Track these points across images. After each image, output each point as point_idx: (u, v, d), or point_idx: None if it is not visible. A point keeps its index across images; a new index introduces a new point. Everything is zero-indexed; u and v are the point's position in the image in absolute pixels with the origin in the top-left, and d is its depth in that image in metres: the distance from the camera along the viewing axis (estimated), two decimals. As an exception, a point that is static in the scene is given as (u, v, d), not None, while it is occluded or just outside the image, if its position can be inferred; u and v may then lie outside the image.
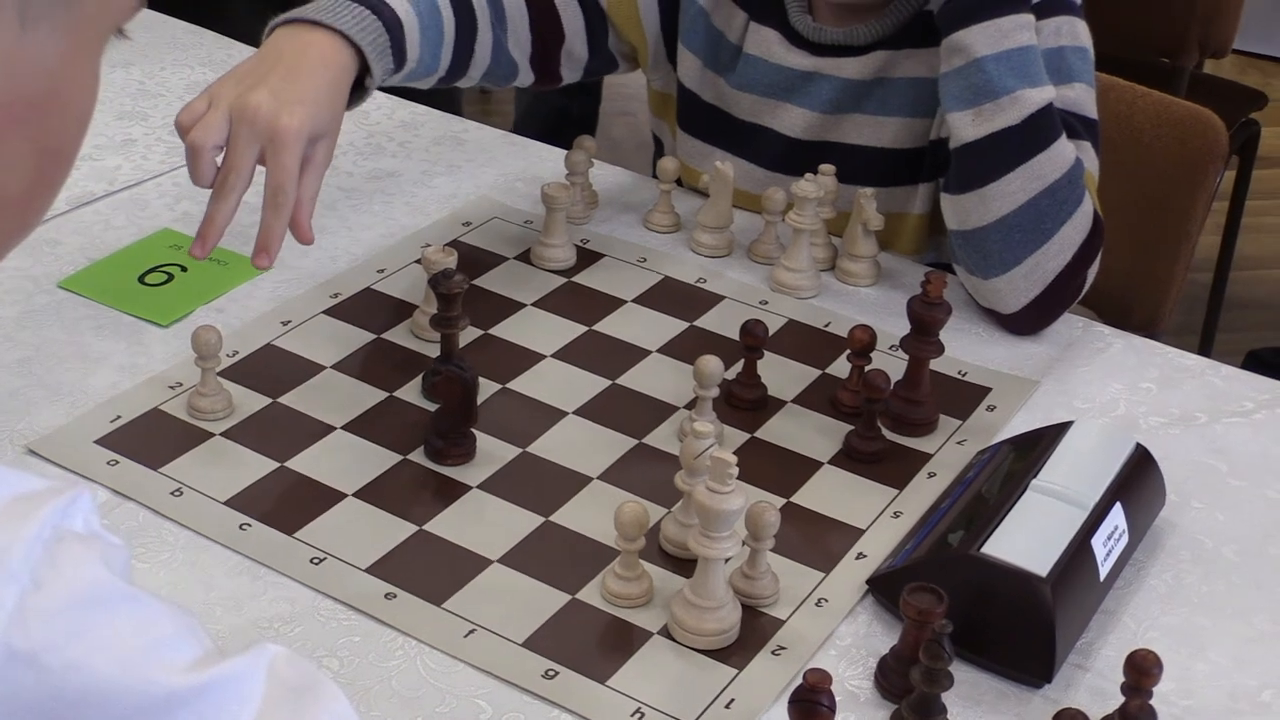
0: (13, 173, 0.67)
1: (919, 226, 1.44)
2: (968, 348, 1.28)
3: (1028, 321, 1.31)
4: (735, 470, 0.93)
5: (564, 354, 1.23)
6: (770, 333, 1.25)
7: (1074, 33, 1.37)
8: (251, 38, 1.75)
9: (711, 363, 1.09)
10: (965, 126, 1.29)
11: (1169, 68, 2.38)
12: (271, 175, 1.11)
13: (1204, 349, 2.74)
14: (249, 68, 1.16)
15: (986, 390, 1.23)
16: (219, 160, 1.12)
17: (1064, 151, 1.29)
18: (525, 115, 2.92)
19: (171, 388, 1.15)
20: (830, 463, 1.13)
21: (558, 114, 2.83)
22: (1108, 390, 1.24)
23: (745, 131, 1.46)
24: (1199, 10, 2.32)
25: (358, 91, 1.21)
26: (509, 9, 1.37)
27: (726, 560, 0.96)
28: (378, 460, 1.10)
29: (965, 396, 1.22)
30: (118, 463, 1.07)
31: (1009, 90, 1.27)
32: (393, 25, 1.22)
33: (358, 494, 1.06)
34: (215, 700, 0.60)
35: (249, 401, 1.15)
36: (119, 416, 1.12)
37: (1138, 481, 1.07)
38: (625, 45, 1.48)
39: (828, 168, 1.36)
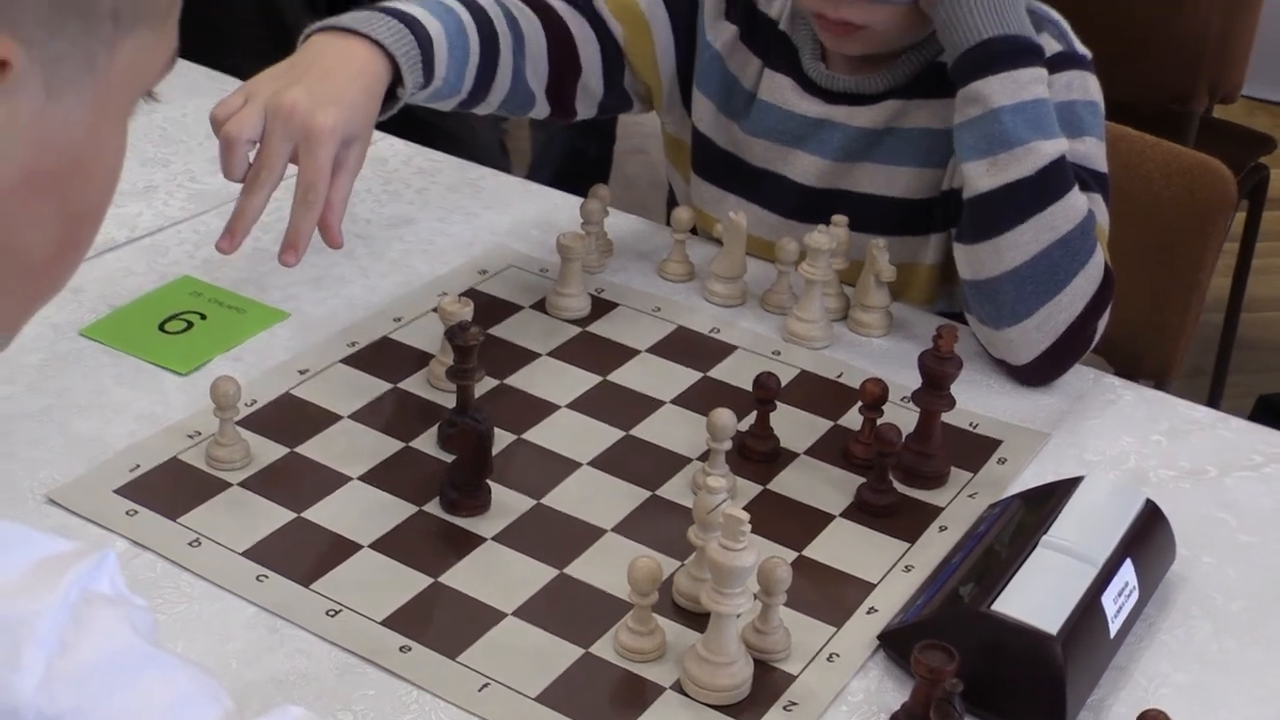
0: (41, 238, 0.68)
1: (931, 277, 1.45)
2: (979, 399, 1.28)
3: (1039, 372, 1.31)
4: (748, 527, 0.93)
5: (578, 404, 1.23)
6: (783, 383, 1.25)
7: (1085, 87, 1.38)
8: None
9: (724, 416, 1.10)
10: (980, 176, 1.29)
11: (1179, 113, 2.39)
12: (303, 173, 1.12)
13: (1215, 390, 2.74)
14: (285, 67, 1.18)
15: (997, 443, 1.23)
16: (251, 156, 1.12)
17: (1076, 203, 1.29)
18: (541, 155, 2.93)
19: (190, 437, 1.16)
20: (842, 515, 1.13)
21: (573, 154, 2.84)
22: (1118, 443, 1.24)
23: (758, 178, 1.47)
24: (1208, 57, 2.33)
25: (389, 101, 1.23)
26: (529, 39, 1.38)
27: (739, 615, 0.96)
28: (394, 511, 1.10)
29: (976, 449, 1.22)
30: (136, 513, 1.08)
31: (1024, 141, 1.28)
32: (424, 41, 1.23)
33: (374, 545, 1.07)
34: None
35: (267, 451, 1.15)
36: (138, 466, 1.12)
37: (1148, 537, 1.07)
38: (640, 85, 1.49)
39: (840, 219, 1.37)
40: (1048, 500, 1.09)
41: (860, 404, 1.19)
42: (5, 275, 0.68)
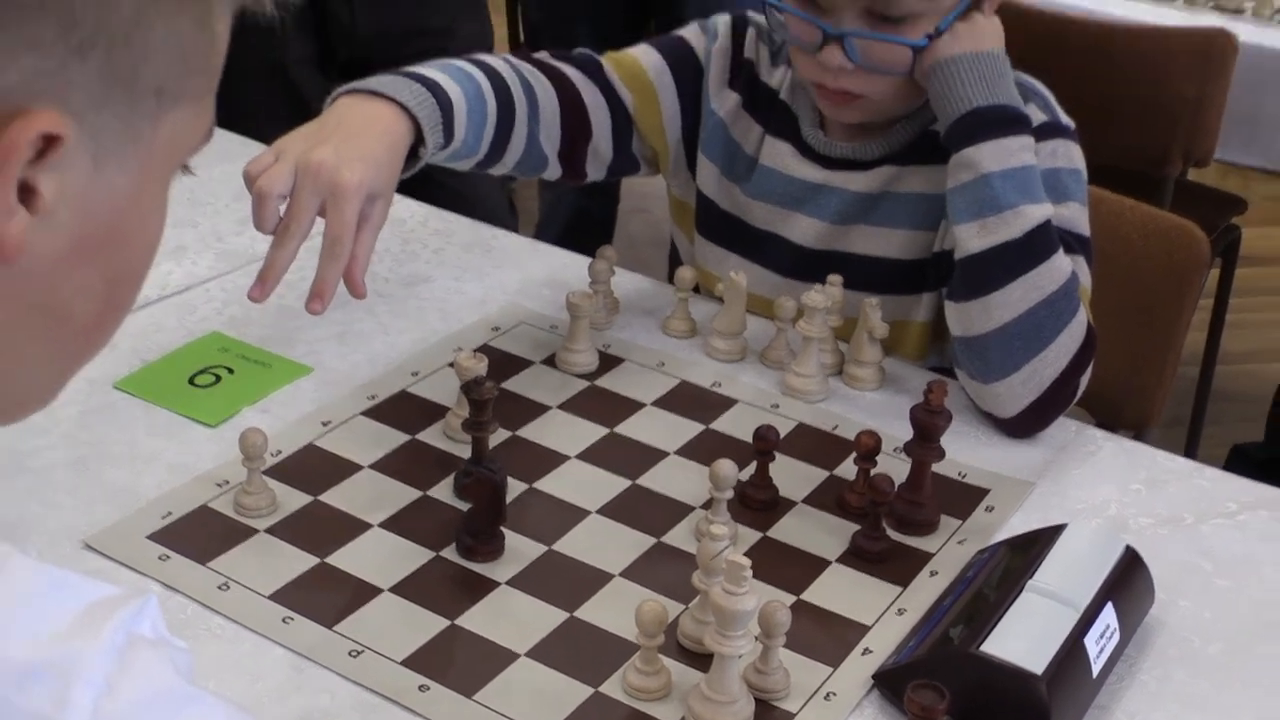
0: (86, 302, 0.69)
1: (922, 334, 1.47)
2: (967, 450, 1.30)
3: (1024, 425, 1.33)
4: (749, 573, 0.95)
5: (587, 455, 1.25)
6: (781, 435, 1.27)
7: (1069, 155, 1.40)
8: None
9: (726, 466, 1.11)
10: (971, 238, 1.32)
11: (1156, 176, 2.41)
12: (330, 226, 1.15)
13: (1192, 440, 2.76)
14: (314, 127, 1.21)
15: (985, 491, 1.25)
16: (281, 209, 1.15)
17: (1061, 265, 1.31)
18: (549, 214, 2.95)
19: (219, 485, 1.17)
20: (838, 561, 1.15)
21: (579, 213, 2.86)
22: (1099, 492, 1.26)
23: (759, 239, 1.49)
24: (1182, 124, 2.36)
25: (410, 161, 1.26)
26: (543, 105, 1.41)
27: (741, 656, 0.97)
28: (412, 557, 1.12)
29: (965, 498, 1.24)
30: (169, 558, 1.09)
31: (1012, 205, 1.31)
32: (445, 105, 1.27)
33: (393, 589, 1.08)
34: None
35: (291, 499, 1.17)
36: (170, 513, 1.14)
37: (1128, 582, 1.09)
38: (648, 149, 1.52)
39: (835, 278, 1.39)
40: (1032, 546, 1.11)
41: (855, 455, 1.21)
42: (52, 339, 0.70)
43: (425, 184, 1.96)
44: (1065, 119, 1.43)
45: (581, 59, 1.48)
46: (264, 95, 2.05)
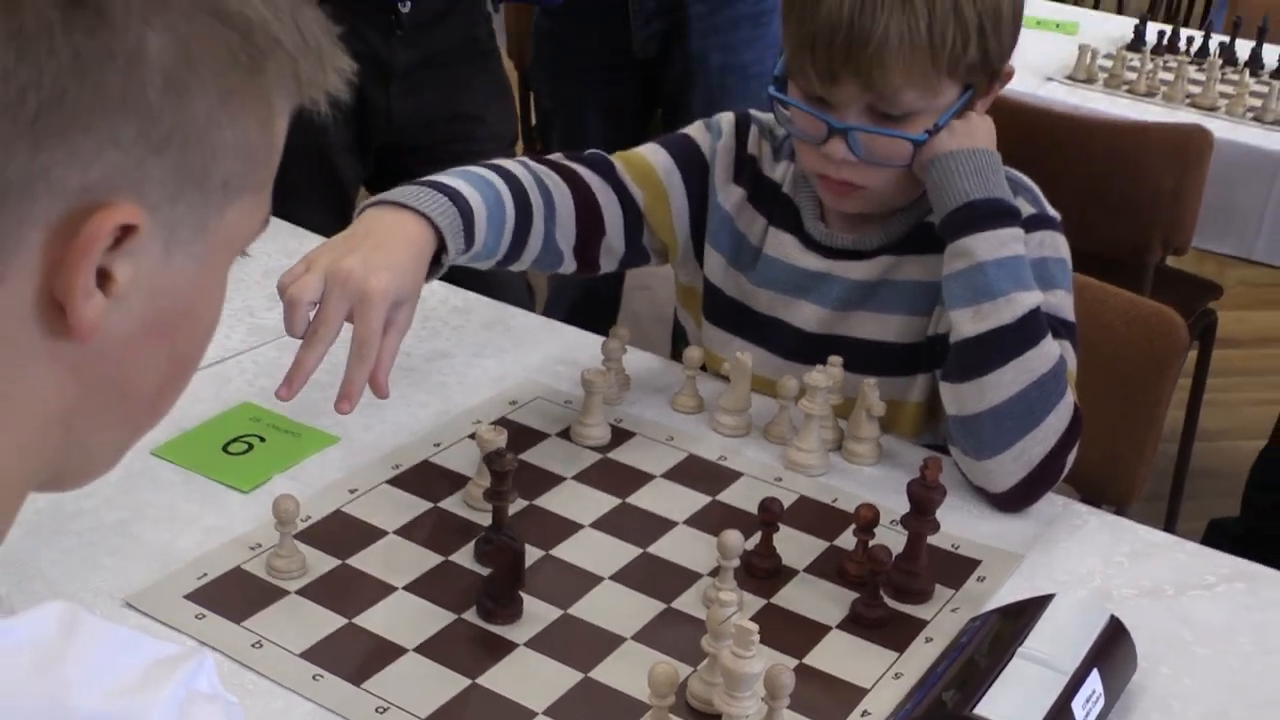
0: (151, 377, 0.72)
1: (917, 413, 1.49)
2: (960, 523, 1.32)
3: (1015, 500, 1.35)
4: (756, 637, 0.97)
5: (600, 524, 1.27)
6: (784, 507, 1.29)
7: (1055, 245, 1.43)
8: (321, 229, 1.82)
9: (733, 536, 1.14)
10: (966, 322, 1.35)
11: (1138, 263, 2.45)
12: (358, 331, 1.18)
13: (1171, 515, 2.78)
14: (343, 239, 1.24)
15: (977, 562, 1.27)
16: (311, 315, 1.19)
17: (1050, 349, 1.34)
18: (557, 291, 2.97)
19: (252, 548, 1.19)
20: (838, 627, 1.17)
21: (587, 291, 2.87)
22: (1085, 564, 1.28)
23: (763, 324, 1.52)
24: (1161, 215, 2.40)
25: (434, 266, 1.29)
26: (559, 205, 1.44)
27: (747, 717, 0.99)
28: (435, 618, 1.13)
29: (958, 568, 1.26)
30: (204, 616, 1.11)
31: (1005, 293, 1.33)
32: (465, 212, 1.30)
33: (418, 649, 1.10)
34: None
35: (321, 562, 1.19)
36: (205, 574, 1.16)
37: (1112, 649, 1.10)
38: (658, 243, 1.55)
39: (836, 359, 1.42)
40: (1022, 615, 1.12)
41: (854, 526, 1.23)
42: (120, 412, 0.72)
43: (451, 268, 2.00)
44: (1051, 211, 1.47)
45: (594, 159, 1.51)
46: (304, 178, 2.09)
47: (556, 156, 1.51)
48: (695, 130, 1.57)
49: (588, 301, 2.85)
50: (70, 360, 0.67)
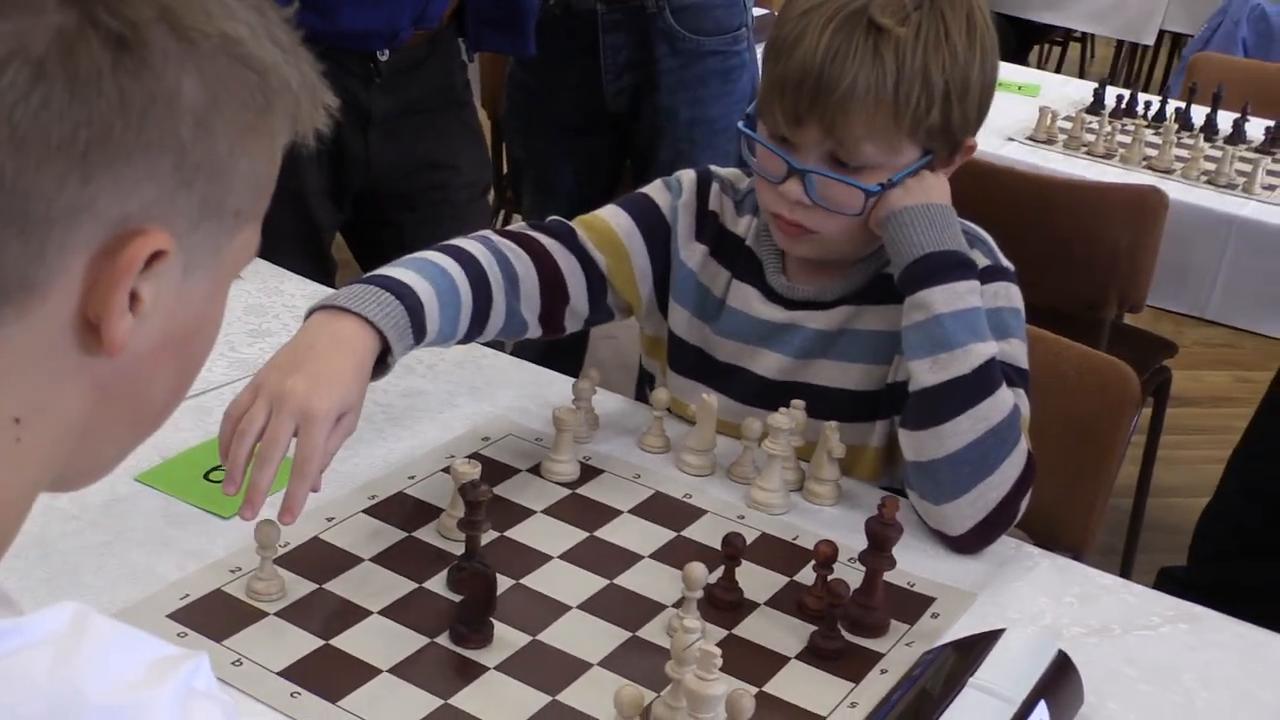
0: (162, 390, 0.77)
1: (876, 457, 1.54)
2: (916, 562, 1.37)
3: (970, 542, 1.40)
4: (719, 661, 1.02)
5: (568, 556, 1.32)
6: (747, 543, 1.34)
7: (1009, 296, 1.49)
8: (296, 271, 1.87)
9: (697, 569, 1.18)
10: (924, 372, 1.40)
11: (1093, 319, 2.52)
12: (300, 448, 1.21)
13: (1125, 566, 2.84)
14: (287, 354, 1.27)
15: (931, 599, 1.31)
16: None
17: (1005, 398, 1.39)
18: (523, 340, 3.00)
19: (232, 571, 1.23)
20: (796, 658, 1.21)
21: (552, 342, 2.89)
22: (1036, 603, 1.33)
23: (727, 371, 1.56)
24: (1117, 273, 2.47)
25: (381, 366, 1.33)
26: (522, 278, 1.48)
27: (709, 739, 1.04)
28: (409, 641, 1.17)
29: (913, 604, 1.30)
30: (186, 635, 1.15)
31: (962, 344, 1.38)
32: (414, 307, 1.34)
33: (391, 670, 1.14)
34: None
35: (298, 586, 1.23)
36: (187, 595, 1.20)
37: (1059, 683, 1.15)
38: (622, 301, 1.59)
39: (799, 402, 1.47)
40: (974, 648, 1.17)
41: (814, 562, 1.27)
42: (131, 421, 0.77)
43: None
44: (1005, 262, 1.52)
45: (555, 227, 1.55)
46: (281, 221, 2.12)
47: (519, 227, 1.56)
48: (655, 190, 1.61)
49: (553, 348, 2.88)
50: (96, 375, 0.72)
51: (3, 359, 0.68)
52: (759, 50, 2.38)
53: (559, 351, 2.80)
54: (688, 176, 1.61)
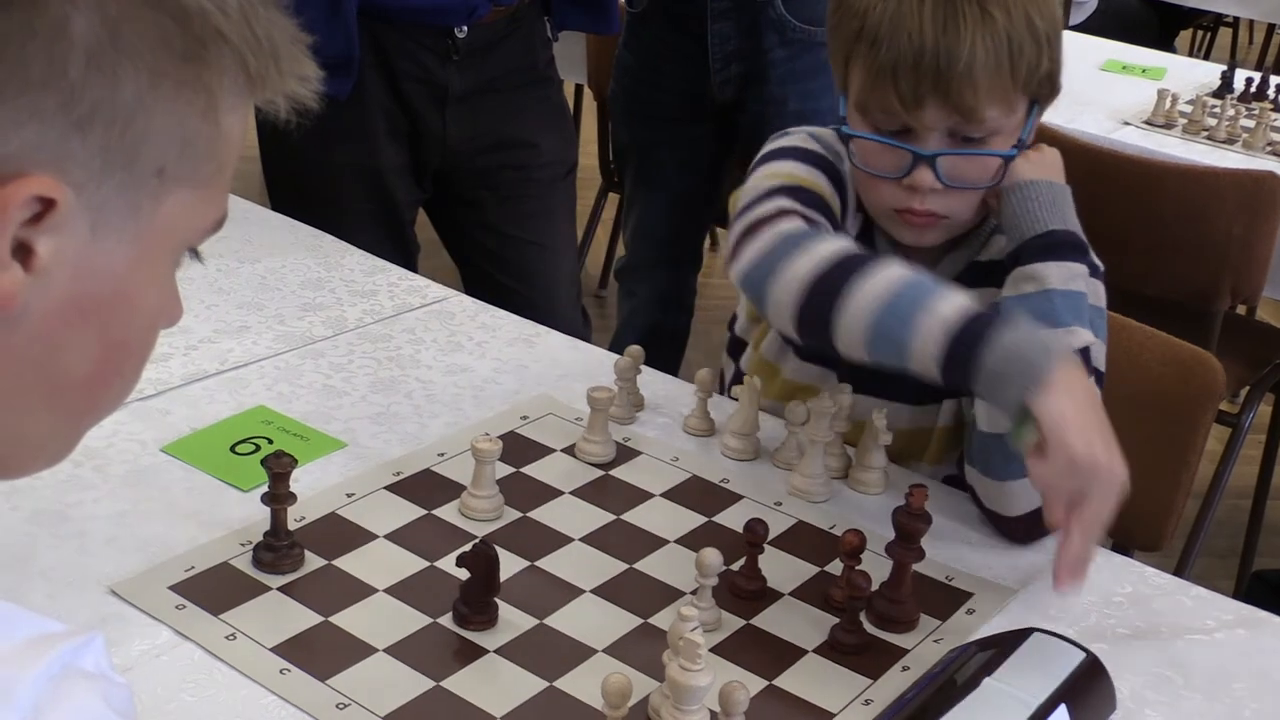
0: (82, 362, 0.73)
1: (943, 438, 1.48)
2: (960, 555, 1.31)
3: (1023, 528, 1.33)
4: (704, 650, 0.97)
5: (590, 539, 1.28)
6: (779, 532, 1.29)
7: (1098, 295, 1.42)
8: (373, 248, 1.85)
9: (711, 555, 1.14)
10: None
11: (1205, 309, 2.40)
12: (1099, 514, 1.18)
13: (1243, 571, 2.71)
14: (1089, 412, 1.20)
15: (969, 595, 1.25)
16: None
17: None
18: (624, 326, 2.97)
19: (242, 545, 1.21)
20: (814, 651, 1.16)
21: (653, 326, 2.84)
22: (1081, 601, 1.26)
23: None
24: (1229, 263, 2.35)
25: None
26: None
27: (697, 732, 0.99)
28: (410, 621, 1.15)
29: (948, 599, 1.24)
30: (185, 607, 1.13)
31: (1066, 324, 1.32)
32: None
33: (387, 649, 1.11)
34: None
35: (309, 562, 1.20)
36: (193, 567, 1.18)
37: (1085, 687, 1.09)
38: None
39: (844, 386, 1.41)
40: (998, 647, 1.11)
41: (841, 553, 1.22)
42: (50, 394, 0.73)
43: (499, 291, 2.02)
44: (1097, 261, 1.45)
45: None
46: (358, 199, 2.12)
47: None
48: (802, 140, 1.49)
49: (656, 336, 2.84)
50: None
51: None
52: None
53: (660, 339, 2.76)
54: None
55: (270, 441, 1.37)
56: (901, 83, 1.33)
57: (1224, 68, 3.05)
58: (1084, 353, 1.32)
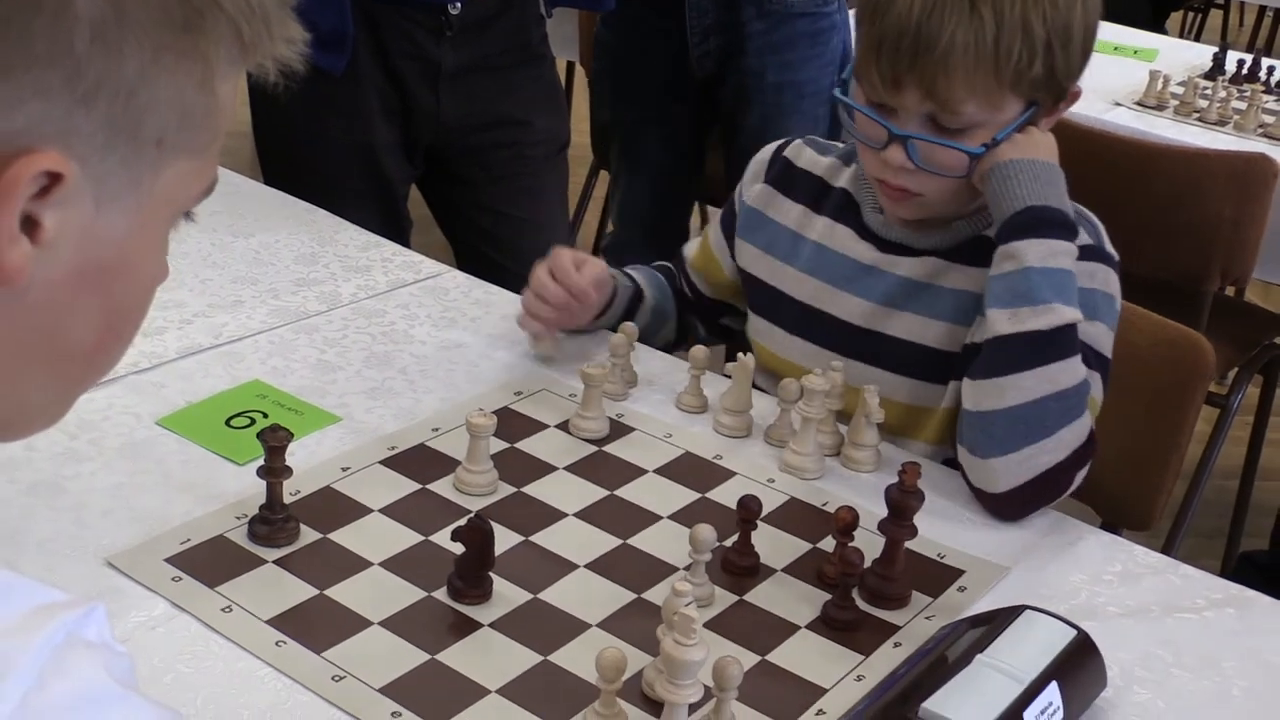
0: (85, 329, 0.73)
1: (944, 420, 1.48)
2: (952, 533, 1.31)
3: (1011, 505, 1.34)
4: (698, 626, 0.97)
5: (584, 514, 1.28)
6: (772, 509, 1.30)
7: (1106, 281, 1.43)
8: (366, 224, 1.85)
9: (705, 531, 1.14)
10: (1001, 322, 1.35)
11: (1196, 290, 2.41)
12: None
13: (1230, 551, 2.73)
14: None
15: (960, 572, 1.26)
16: None
17: (1078, 368, 1.34)
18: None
19: (238, 518, 1.22)
20: (807, 627, 1.16)
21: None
22: (1072, 580, 1.26)
23: (805, 314, 1.54)
24: (1220, 245, 2.36)
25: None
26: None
27: (691, 706, 0.99)
28: (405, 594, 1.15)
29: (940, 576, 1.25)
30: (180, 579, 1.14)
31: (1045, 301, 1.33)
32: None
33: (382, 623, 1.11)
34: None
35: (304, 535, 1.21)
36: (189, 539, 1.18)
37: (1076, 665, 1.09)
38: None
39: (838, 364, 1.42)
40: (989, 624, 1.12)
41: (834, 529, 1.23)
42: (53, 362, 0.73)
43: (492, 267, 2.01)
44: (1110, 249, 1.46)
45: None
46: (351, 175, 2.12)
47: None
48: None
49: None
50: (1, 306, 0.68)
51: None
52: (850, 14, 2.32)
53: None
54: (768, 149, 1.63)
55: (265, 415, 1.37)
56: (884, 60, 1.36)
57: (1216, 49, 3.05)
58: (1069, 330, 1.33)
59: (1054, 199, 1.37)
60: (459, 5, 2.04)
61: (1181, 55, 3.19)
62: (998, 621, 1.12)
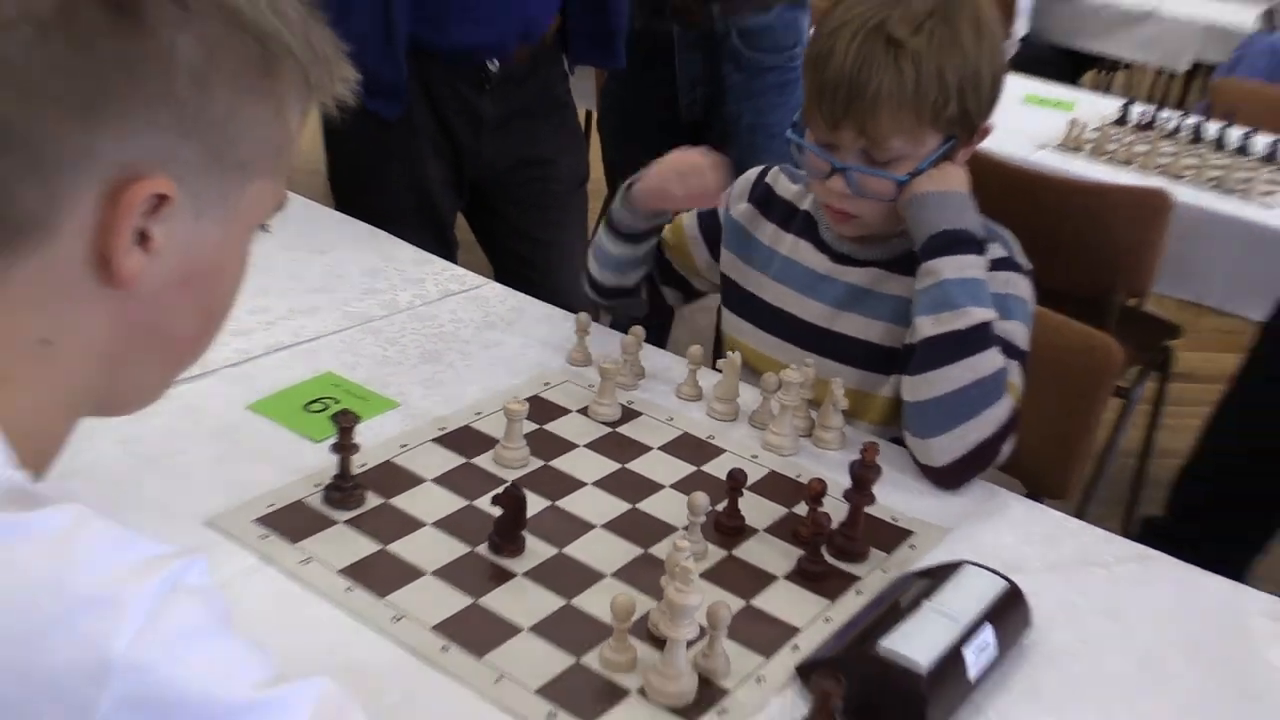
0: (184, 324, 0.73)
1: (885, 405, 1.48)
2: (902, 500, 1.31)
3: (950, 476, 1.34)
4: (694, 576, 0.97)
5: (601, 483, 1.28)
6: (754, 479, 1.29)
7: (1017, 286, 1.43)
8: (417, 242, 1.84)
9: (700, 497, 1.14)
10: (927, 326, 1.35)
11: (1104, 302, 2.40)
12: None
13: (1128, 517, 2.72)
14: None
15: (909, 533, 1.25)
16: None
17: (994, 358, 1.33)
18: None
19: (315, 486, 1.21)
20: (785, 578, 1.16)
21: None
22: (1002, 540, 1.26)
23: (773, 313, 1.54)
24: (1124, 264, 2.35)
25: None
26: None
27: (689, 642, 0.99)
28: (453, 549, 1.14)
29: (894, 536, 1.24)
30: (267, 536, 1.13)
31: (961, 305, 1.34)
32: None
33: (434, 573, 1.11)
34: (271, 712, 0.61)
35: (369, 500, 1.20)
36: (274, 504, 1.18)
37: (1007, 609, 1.09)
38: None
39: (810, 361, 1.41)
40: (935, 576, 1.11)
41: (806, 496, 1.23)
42: (158, 351, 0.74)
43: (525, 282, 2.01)
44: (1023, 260, 1.46)
45: None
46: (407, 206, 2.11)
47: None
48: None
49: (646, 319, 2.82)
50: (115, 306, 0.68)
51: (27, 288, 0.66)
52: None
53: (649, 322, 2.75)
54: (751, 172, 1.62)
55: (337, 401, 1.37)
56: (824, 105, 1.37)
57: (1124, 101, 3.04)
58: (984, 327, 1.34)
59: (962, 222, 1.38)
60: (497, 63, 2.03)
61: (1095, 106, 3.18)
62: (941, 574, 1.11)
